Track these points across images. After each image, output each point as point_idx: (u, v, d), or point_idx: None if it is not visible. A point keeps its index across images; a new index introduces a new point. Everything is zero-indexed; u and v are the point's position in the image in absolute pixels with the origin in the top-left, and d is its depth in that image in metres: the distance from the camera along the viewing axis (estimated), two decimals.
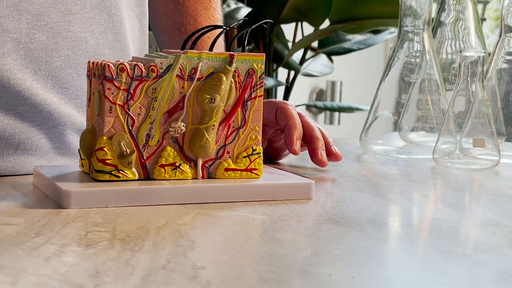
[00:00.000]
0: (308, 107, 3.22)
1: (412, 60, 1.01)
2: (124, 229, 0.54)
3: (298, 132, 0.80)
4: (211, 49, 0.68)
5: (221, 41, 0.95)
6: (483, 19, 3.17)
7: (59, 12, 0.75)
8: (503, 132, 1.00)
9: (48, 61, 0.75)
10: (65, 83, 0.77)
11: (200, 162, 0.67)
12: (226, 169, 0.68)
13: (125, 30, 0.82)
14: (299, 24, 2.50)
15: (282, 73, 2.74)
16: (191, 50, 0.66)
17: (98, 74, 0.64)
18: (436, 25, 1.08)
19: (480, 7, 3.16)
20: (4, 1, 0.71)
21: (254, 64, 0.68)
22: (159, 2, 0.94)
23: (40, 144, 0.76)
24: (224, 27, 0.68)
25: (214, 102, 0.66)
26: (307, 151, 0.84)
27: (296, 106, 2.82)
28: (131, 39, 0.85)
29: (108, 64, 0.63)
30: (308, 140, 0.83)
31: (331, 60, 2.62)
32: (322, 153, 0.79)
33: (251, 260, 0.49)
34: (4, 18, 0.71)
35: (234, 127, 0.68)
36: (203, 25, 0.92)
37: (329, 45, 2.41)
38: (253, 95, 0.68)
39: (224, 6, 2.23)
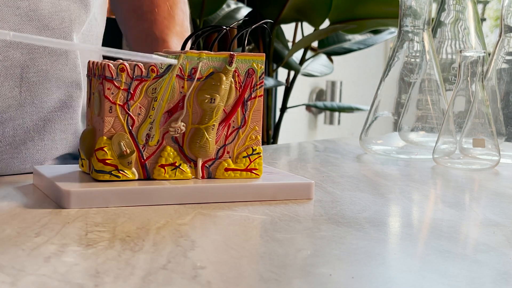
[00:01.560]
0: (308, 107, 3.22)
1: (412, 60, 1.01)
2: (124, 229, 0.54)
3: None
4: (210, 49, 0.68)
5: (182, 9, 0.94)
6: (483, 19, 3.17)
7: (35, 28, 0.73)
8: (503, 132, 1.00)
9: (24, 77, 0.74)
10: (44, 97, 0.76)
11: (200, 162, 0.67)
12: (226, 169, 0.68)
13: (92, 37, 0.83)
14: (299, 24, 2.50)
15: (282, 73, 2.74)
16: (191, 50, 0.66)
17: (98, 74, 0.64)
18: (436, 25, 1.08)
19: (480, 7, 3.16)
20: None
21: (254, 64, 0.68)
22: None
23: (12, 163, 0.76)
24: (224, 27, 0.68)
25: (214, 102, 0.66)
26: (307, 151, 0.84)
27: (296, 106, 2.79)
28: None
29: (108, 64, 0.63)
30: None
31: (331, 60, 2.62)
32: None
33: (251, 260, 0.49)
34: None
35: (234, 127, 0.68)
36: (160, 6, 0.91)
37: (329, 45, 2.41)
38: (253, 95, 0.68)
39: (224, 6, 2.23)
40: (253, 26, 0.69)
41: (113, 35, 0.90)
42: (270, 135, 2.42)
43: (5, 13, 0.71)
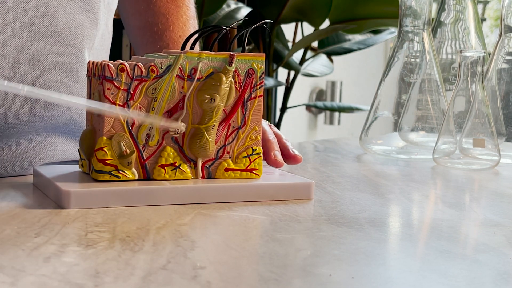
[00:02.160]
0: (308, 107, 3.22)
1: (412, 60, 1.01)
2: (124, 229, 0.54)
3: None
4: (210, 49, 0.68)
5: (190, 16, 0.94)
6: (483, 19, 3.17)
7: (47, 44, 0.73)
8: (503, 132, 1.00)
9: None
10: (54, 114, 0.76)
11: (200, 162, 0.67)
12: (226, 169, 0.68)
13: (105, 52, 0.83)
14: (299, 24, 2.50)
15: (282, 73, 2.74)
16: (191, 50, 0.66)
17: (98, 74, 0.64)
18: (436, 25, 1.08)
19: (480, 7, 3.16)
20: None
21: (254, 64, 0.68)
22: (130, 2, 0.92)
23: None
24: (224, 27, 0.68)
25: (214, 102, 0.66)
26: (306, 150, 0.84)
27: (296, 106, 2.79)
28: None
29: (108, 64, 0.63)
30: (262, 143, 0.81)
31: (331, 60, 2.62)
32: (275, 154, 0.77)
33: (251, 260, 0.49)
34: None
35: (234, 127, 0.68)
36: (175, 24, 0.90)
37: (329, 45, 2.41)
38: (253, 95, 0.68)
39: (224, 6, 2.23)
40: (253, 26, 0.69)
41: (114, 36, 0.90)
42: None
43: (19, 29, 0.71)
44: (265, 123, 0.79)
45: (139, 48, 0.93)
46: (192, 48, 0.68)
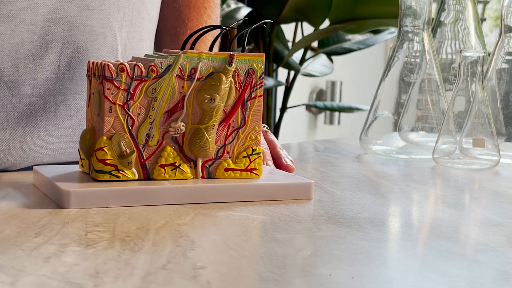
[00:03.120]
0: (308, 107, 3.22)
1: (412, 60, 1.01)
2: (124, 229, 0.54)
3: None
4: (211, 49, 0.68)
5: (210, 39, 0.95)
6: (483, 19, 3.17)
7: (76, 7, 0.76)
8: (503, 132, 1.00)
9: (64, 52, 0.76)
10: (82, 75, 0.78)
11: (200, 162, 0.67)
12: (226, 169, 0.68)
13: (141, 29, 0.83)
14: (299, 24, 2.50)
15: (282, 73, 2.74)
16: (191, 50, 0.66)
17: (98, 74, 0.64)
18: (436, 25, 1.08)
19: (480, 7, 3.16)
20: None
21: (254, 64, 0.68)
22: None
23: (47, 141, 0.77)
24: (224, 27, 0.68)
25: (214, 102, 0.66)
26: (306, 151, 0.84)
27: (296, 106, 2.79)
28: (146, 40, 0.85)
29: (108, 64, 0.63)
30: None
31: (331, 60, 2.62)
32: (267, 163, 0.78)
33: (251, 260, 0.49)
34: (22, 10, 0.73)
35: (234, 127, 0.68)
36: (193, 29, 0.92)
37: (329, 45, 2.41)
38: (253, 95, 0.68)
39: (224, 6, 2.23)
40: (253, 26, 0.69)
41: None
42: None
43: None
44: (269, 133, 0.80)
45: (157, 51, 0.94)
46: (192, 48, 0.68)
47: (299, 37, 2.46)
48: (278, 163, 0.77)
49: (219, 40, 0.94)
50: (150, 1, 0.85)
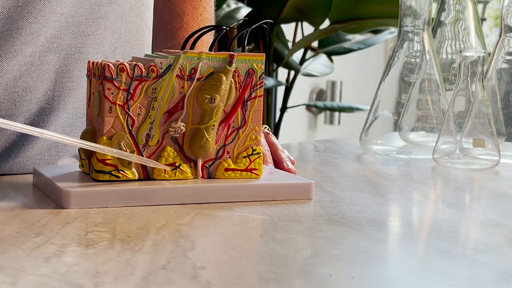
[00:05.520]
0: (308, 107, 3.22)
1: (412, 60, 1.01)
2: (124, 229, 0.54)
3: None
4: (210, 49, 0.68)
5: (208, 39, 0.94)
6: (483, 19, 3.17)
7: (72, 34, 0.75)
8: (503, 132, 1.00)
9: (58, 81, 0.75)
10: (75, 103, 0.77)
11: (200, 162, 0.67)
12: (226, 169, 0.68)
13: (140, 46, 0.83)
14: (299, 24, 2.50)
15: (282, 73, 2.74)
16: (191, 50, 0.66)
17: (98, 74, 0.64)
18: (436, 25, 1.08)
19: (480, 7, 3.16)
20: (27, 28, 0.71)
21: (254, 64, 0.68)
22: None
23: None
24: (224, 27, 0.68)
25: (214, 102, 0.66)
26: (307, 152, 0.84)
27: (296, 106, 2.79)
28: (147, 51, 0.85)
29: (108, 64, 0.63)
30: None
31: (331, 60, 2.62)
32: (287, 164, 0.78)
33: (251, 260, 0.49)
34: (25, 44, 0.72)
35: (234, 127, 0.68)
36: (190, 24, 0.91)
37: (329, 45, 2.41)
38: (253, 95, 0.68)
39: (224, 6, 2.23)
40: (253, 26, 0.68)
41: None
42: None
43: (52, 19, 0.72)
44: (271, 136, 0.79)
45: (153, 45, 0.93)
46: (192, 48, 0.68)
47: (299, 37, 2.46)
48: (279, 167, 0.77)
49: (210, 34, 0.94)
50: (149, 15, 0.84)
